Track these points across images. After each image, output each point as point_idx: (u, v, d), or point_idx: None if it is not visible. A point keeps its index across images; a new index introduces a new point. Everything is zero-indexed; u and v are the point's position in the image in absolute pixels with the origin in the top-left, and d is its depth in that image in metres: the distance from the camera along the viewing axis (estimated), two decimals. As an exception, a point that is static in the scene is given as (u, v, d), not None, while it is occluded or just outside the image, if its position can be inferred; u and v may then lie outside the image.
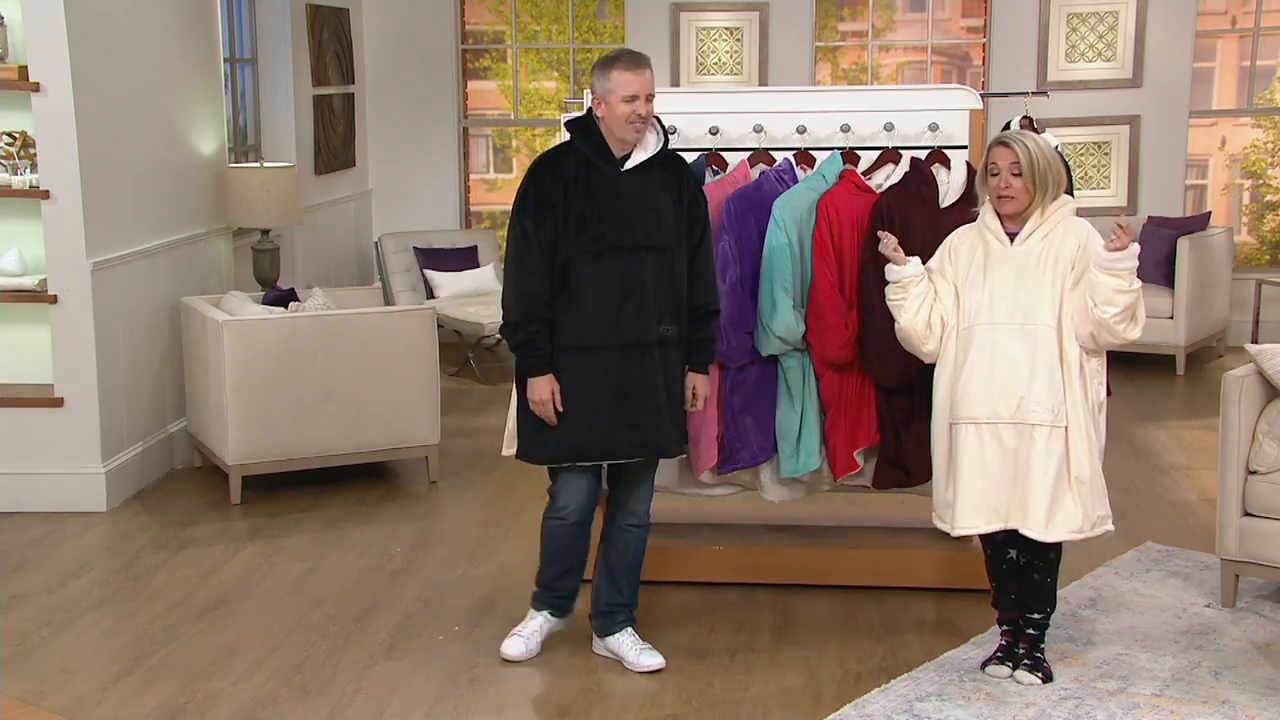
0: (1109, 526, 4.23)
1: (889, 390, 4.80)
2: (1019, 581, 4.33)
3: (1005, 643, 4.39)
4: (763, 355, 4.83)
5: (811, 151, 4.98)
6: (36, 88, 5.80)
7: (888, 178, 4.88)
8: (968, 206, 4.64)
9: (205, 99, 7.14)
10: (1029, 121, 5.23)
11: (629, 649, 4.44)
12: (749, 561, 5.12)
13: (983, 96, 5.19)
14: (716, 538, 5.23)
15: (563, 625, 4.61)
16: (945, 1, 11.28)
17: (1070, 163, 5.40)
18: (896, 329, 4.32)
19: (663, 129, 4.37)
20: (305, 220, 8.07)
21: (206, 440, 6.38)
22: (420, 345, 6.38)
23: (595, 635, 4.54)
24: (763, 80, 9.60)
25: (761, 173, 4.93)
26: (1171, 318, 8.63)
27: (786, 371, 4.85)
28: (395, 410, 6.34)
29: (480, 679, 4.39)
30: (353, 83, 9.52)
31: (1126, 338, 4.12)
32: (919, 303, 4.26)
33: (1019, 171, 4.12)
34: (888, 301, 4.33)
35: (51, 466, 6.02)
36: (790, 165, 4.92)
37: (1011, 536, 4.25)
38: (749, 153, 4.99)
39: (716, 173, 4.97)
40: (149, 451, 6.45)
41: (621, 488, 4.46)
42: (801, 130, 5.01)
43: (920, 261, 4.29)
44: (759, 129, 5.01)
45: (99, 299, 6.00)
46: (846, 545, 5.16)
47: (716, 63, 9.70)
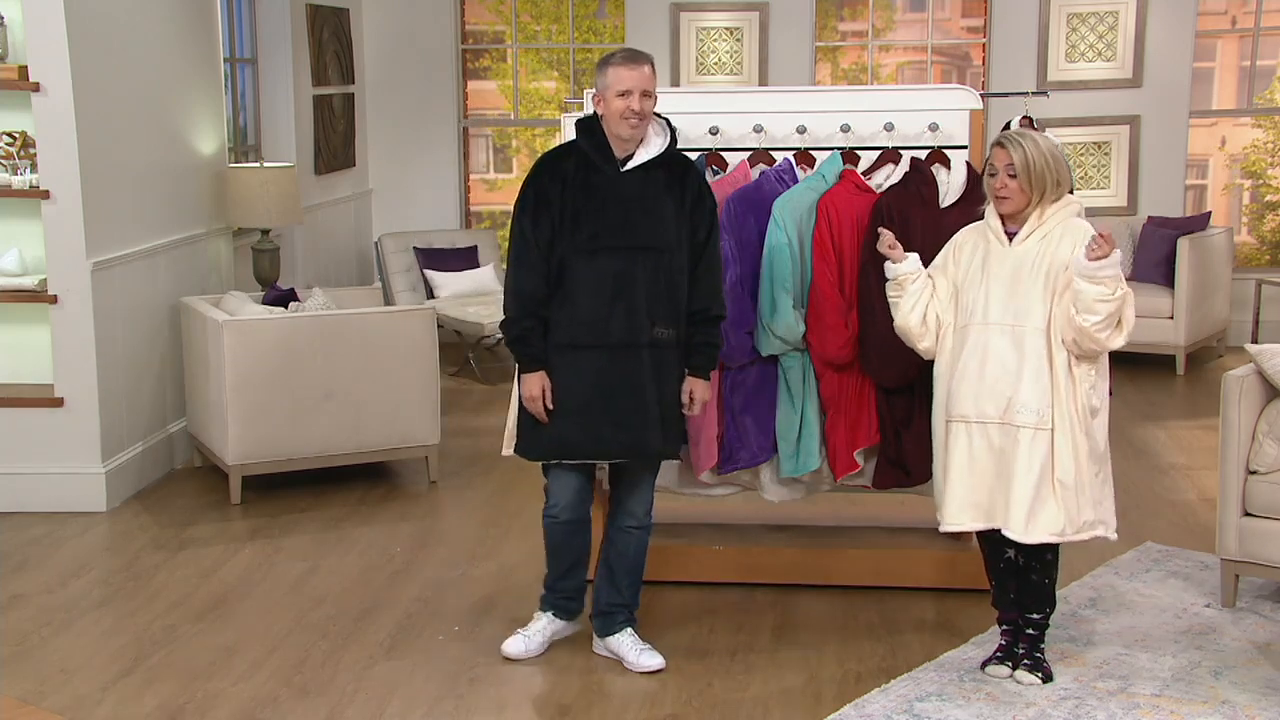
0: (1100, 533, 4.20)
1: (889, 390, 4.80)
2: (1018, 581, 4.33)
3: (1005, 642, 4.39)
4: (763, 355, 4.83)
5: (811, 151, 4.97)
6: (36, 88, 5.80)
7: (888, 178, 4.88)
8: (968, 206, 4.64)
9: (205, 99, 7.14)
10: (1029, 121, 5.23)
11: (629, 649, 4.44)
12: (749, 561, 5.12)
13: (983, 96, 5.19)
14: (716, 538, 5.23)
15: (570, 629, 4.60)
16: (945, 1, 11.28)
17: (1070, 163, 5.38)
18: (894, 324, 4.35)
19: (671, 130, 4.36)
20: (305, 220, 8.07)
21: (206, 440, 6.38)
22: (420, 345, 6.38)
23: (595, 635, 4.54)
24: (763, 80, 9.60)
25: (761, 173, 4.93)
26: (1171, 318, 8.63)
27: (786, 371, 4.85)
28: (395, 410, 6.34)
29: (480, 679, 4.40)
30: (353, 83, 9.52)
31: (1110, 346, 4.09)
32: (914, 299, 4.28)
33: (1014, 173, 4.11)
34: (887, 297, 4.35)
35: (51, 466, 6.02)
36: (790, 165, 4.92)
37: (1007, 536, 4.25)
38: (749, 153, 4.99)
39: (716, 173, 4.97)
40: (149, 451, 6.45)
41: (621, 488, 4.47)
42: (801, 130, 5.01)
43: (919, 259, 4.30)
44: (759, 129, 5.01)
45: (99, 299, 6.00)
46: (846, 545, 5.16)
47: (716, 63, 9.70)
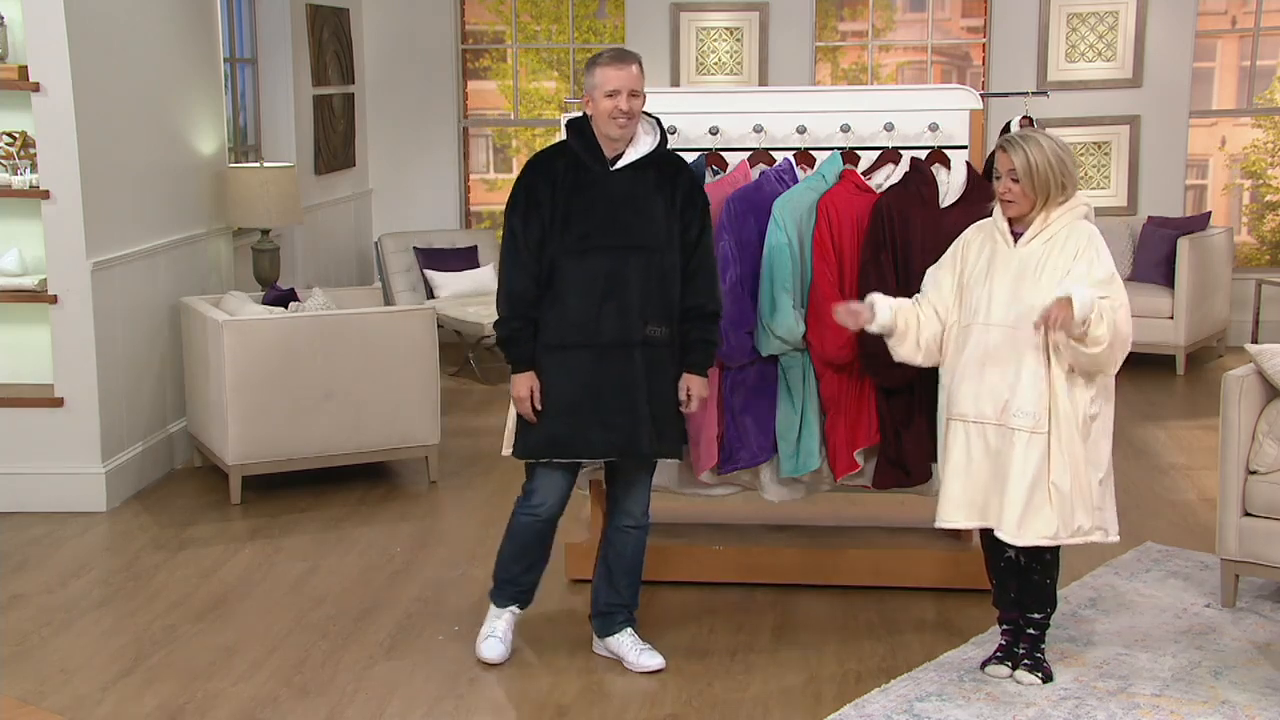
0: (1096, 539, 4.20)
1: (889, 390, 4.80)
2: (1018, 580, 4.33)
3: (1005, 642, 4.39)
4: (763, 355, 4.83)
5: (811, 151, 4.97)
6: (36, 88, 5.80)
7: (888, 178, 4.88)
8: (968, 206, 4.64)
9: (205, 99, 7.14)
10: (1029, 121, 5.23)
11: (629, 649, 4.44)
12: (749, 561, 5.12)
13: (983, 96, 5.19)
14: (716, 538, 5.23)
15: (524, 614, 4.63)
16: (945, 1, 11.29)
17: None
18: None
19: (661, 129, 4.37)
20: (305, 220, 8.07)
21: (206, 440, 6.38)
22: (420, 345, 6.38)
23: (595, 635, 4.54)
24: (763, 80, 9.59)
25: (761, 173, 4.93)
26: (1171, 318, 8.63)
27: (786, 371, 4.85)
28: (395, 410, 6.34)
29: (480, 679, 4.39)
30: (353, 83, 9.52)
31: (1109, 373, 4.14)
32: (909, 340, 4.29)
33: (1017, 178, 4.11)
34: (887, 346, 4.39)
35: (51, 466, 6.02)
36: (790, 165, 4.92)
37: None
38: (749, 153, 4.99)
39: (716, 173, 4.96)
40: (149, 451, 6.45)
41: (618, 488, 4.47)
42: (801, 130, 5.01)
43: (882, 299, 4.31)
44: (759, 129, 5.01)
45: (99, 299, 6.00)
46: (846, 545, 5.16)
47: (716, 63, 9.70)
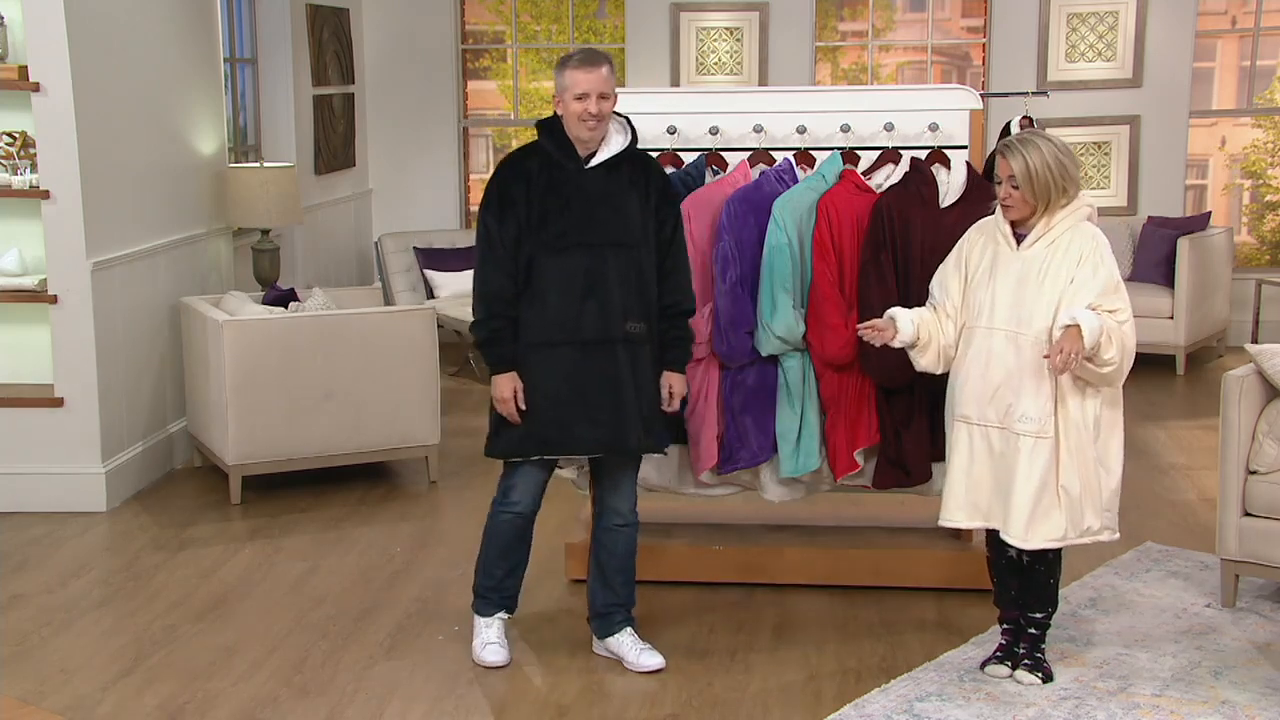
0: (1102, 537, 4.21)
1: (889, 390, 4.80)
2: (1020, 579, 4.33)
3: (1005, 642, 4.39)
4: (763, 355, 4.83)
5: (811, 151, 4.97)
6: (36, 88, 5.80)
7: (888, 178, 4.88)
8: (968, 206, 4.64)
9: (205, 99, 7.14)
10: (1029, 121, 5.23)
11: (629, 649, 4.44)
12: (749, 561, 5.12)
13: (983, 96, 5.20)
14: (716, 538, 5.23)
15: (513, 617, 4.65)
16: (945, 1, 11.29)
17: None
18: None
19: (631, 128, 4.38)
20: (305, 220, 8.07)
21: (206, 440, 6.38)
22: (420, 345, 6.38)
23: (595, 636, 4.54)
24: (763, 80, 9.59)
25: (761, 173, 4.92)
26: (1171, 318, 8.63)
27: (786, 371, 4.85)
28: (395, 410, 6.34)
29: (480, 679, 4.39)
30: (353, 83, 9.52)
31: (1116, 384, 4.16)
32: (931, 351, 4.30)
33: (1017, 185, 4.11)
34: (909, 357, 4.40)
35: (51, 466, 6.02)
36: (790, 165, 4.92)
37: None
38: (749, 153, 4.99)
39: (716, 173, 4.97)
40: (149, 451, 6.45)
41: (604, 488, 4.47)
42: (801, 130, 5.01)
43: (902, 312, 4.31)
44: (759, 129, 5.01)
45: (99, 299, 6.00)
46: (846, 545, 5.16)
47: (716, 63, 9.70)
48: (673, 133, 5.00)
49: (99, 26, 6.06)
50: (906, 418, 4.80)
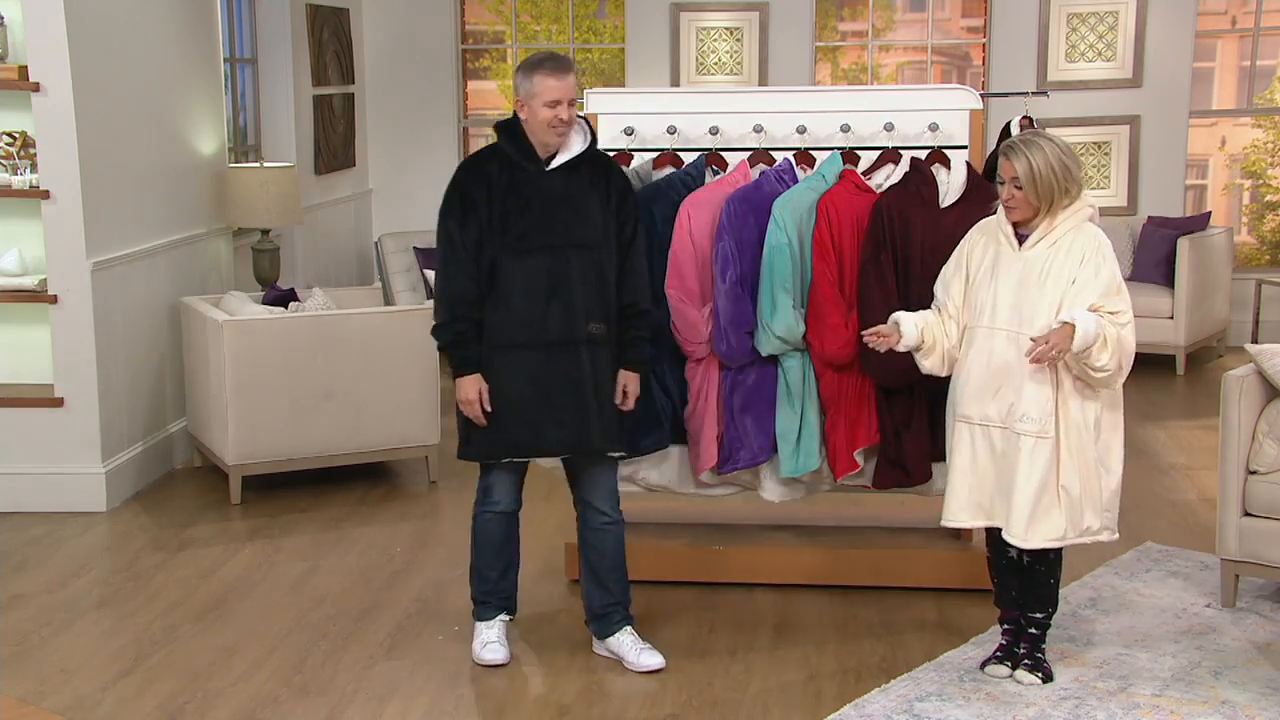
0: (1102, 537, 4.22)
1: (889, 390, 4.80)
2: (1019, 580, 4.33)
3: (1005, 642, 4.39)
4: (763, 355, 4.83)
5: (811, 151, 4.97)
6: (36, 88, 5.80)
7: (888, 178, 4.88)
8: (968, 206, 4.64)
9: (205, 99, 7.14)
10: (1029, 121, 5.22)
11: (629, 649, 4.44)
12: (749, 561, 5.12)
13: (983, 96, 5.19)
14: (716, 538, 5.23)
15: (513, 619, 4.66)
16: (945, 1, 11.29)
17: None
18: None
19: (590, 129, 4.39)
20: (305, 220, 8.07)
21: (206, 440, 6.38)
22: (420, 345, 6.37)
23: (594, 637, 4.54)
24: (763, 80, 9.59)
25: (761, 173, 4.92)
26: (1171, 318, 8.63)
27: (786, 371, 4.85)
28: (395, 410, 6.34)
29: (480, 679, 4.39)
30: (353, 83, 9.52)
31: (1115, 388, 4.16)
32: (935, 353, 4.30)
33: (1020, 186, 4.11)
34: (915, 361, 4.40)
35: (51, 466, 6.02)
36: (790, 165, 4.92)
37: (1010, 534, 4.26)
38: (749, 153, 4.99)
39: (716, 172, 4.96)
40: (149, 451, 6.45)
41: (583, 489, 4.48)
42: (801, 130, 5.01)
43: (905, 316, 4.32)
44: (759, 129, 5.01)
45: (99, 299, 6.00)
46: (846, 545, 5.16)
47: (716, 63, 9.70)
48: (673, 133, 5.00)
49: (99, 26, 6.06)
50: (906, 418, 4.80)
